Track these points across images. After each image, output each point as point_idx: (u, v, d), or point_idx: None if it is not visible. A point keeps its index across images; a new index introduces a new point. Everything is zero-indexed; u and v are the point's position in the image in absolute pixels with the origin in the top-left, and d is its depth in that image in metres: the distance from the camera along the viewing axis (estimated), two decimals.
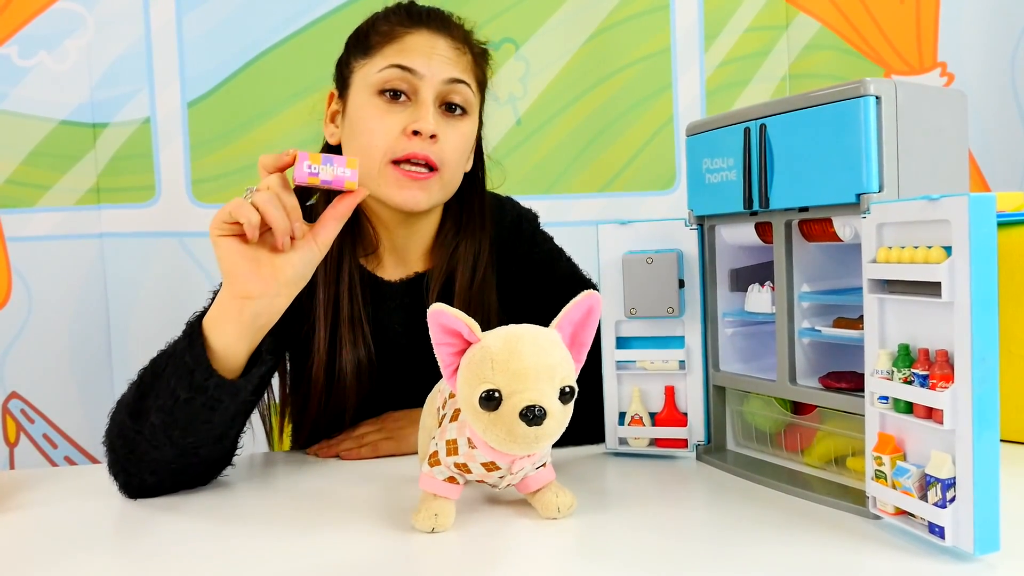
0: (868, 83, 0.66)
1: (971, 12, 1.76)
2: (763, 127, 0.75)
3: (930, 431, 0.60)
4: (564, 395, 0.62)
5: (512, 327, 0.64)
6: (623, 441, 0.89)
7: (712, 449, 0.87)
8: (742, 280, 0.87)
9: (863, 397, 0.68)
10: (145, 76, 1.63)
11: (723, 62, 1.76)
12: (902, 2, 1.79)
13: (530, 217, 1.10)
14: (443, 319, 0.62)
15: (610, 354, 0.89)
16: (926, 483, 0.60)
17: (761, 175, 0.75)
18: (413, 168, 0.90)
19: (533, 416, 0.59)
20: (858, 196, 0.67)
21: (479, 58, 0.99)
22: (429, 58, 0.91)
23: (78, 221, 1.60)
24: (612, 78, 1.73)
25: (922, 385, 0.60)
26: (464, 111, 0.94)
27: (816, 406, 0.78)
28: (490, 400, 0.60)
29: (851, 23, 1.79)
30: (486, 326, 0.65)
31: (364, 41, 0.95)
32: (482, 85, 1.00)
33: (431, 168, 0.91)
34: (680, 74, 1.76)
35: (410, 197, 0.91)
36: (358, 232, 0.99)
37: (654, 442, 0.88)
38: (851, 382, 0.73)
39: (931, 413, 0.60)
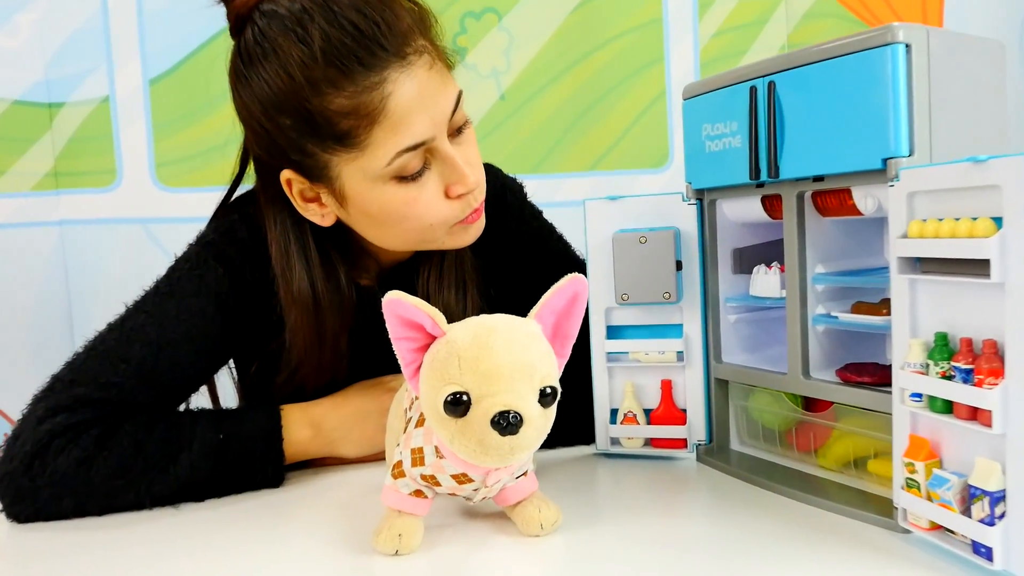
0: (896, 29, 0.57)
1: None
2: (771, 85, 0.65)
3: (975, 435, 0.51)
4: (545, 397, 0.53)
5: (483, 318, 0.55)
6: (615, 441, 0.80)
7: (714, 449, 0.79)
8: (746, 261, 0.78)
9: (889, 393, 0.59)
10: (103, 52, 1.54)
11: (718, 32, 1.68)
12: None
13: (516, 188, 0.97)
14: (400, 309, 0.53)
15: (600, 345, 0.79)
16: (970, 496, 0.51)
17: (770, 141, 0.66)
18: (473, 213, 0.79)
19: (507, 424, 0.50)
20: (884, 161, 0.58)
21: (432, 35, 0.76)
22: (425, 109, 0.71)
23: (35, 208, 1.52)
24: (601, 50, 1.64)
25: (965, 381, 0.51)
26: (465, 119, 0.78)
27: (832, 403, 0.69)
28: (457, 404, 0.51)
29: None
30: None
31: (326, 127, 0.70)
32: (444, 55, 0.78)
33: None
34: (673, 45, 1.68)
35: (475, 232, 0.81)
36: (352, 260, 0.86)
37: (649, 442, 0.80)
38: (874, 375, 0.64)
39: (976, 414, 0.51)
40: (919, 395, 0.55)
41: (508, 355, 0.52)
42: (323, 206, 0.78)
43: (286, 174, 0.76)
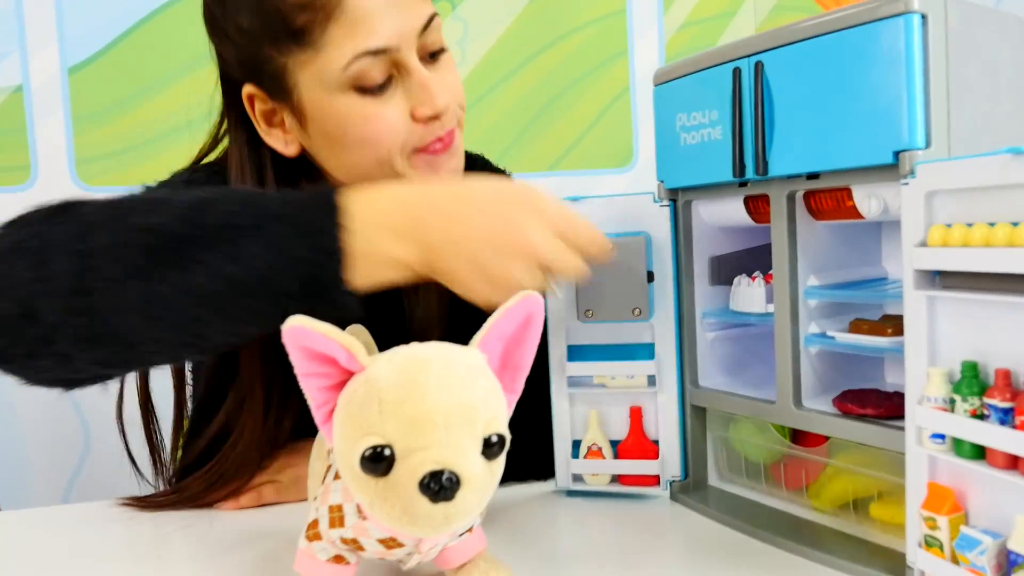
0: None
1: None
2: (758, 66, 0.56)
3: (1014, 488, 0.42)
4: (490, 448, 0.42)
5: (414, 348, 0.44)
6: (578, 478, 0.70)
7: (690, 486, 0.69)
8: (726, 271, 0.69)
9: (899, 429, 0.50)
10: (16, 36, 1.41)
11: (684, 24, 1.61)
12: None
13: (505, 176, 0.92)
14: (306, 340, 0.41)
15: (560, 368, 0.69)
16: (1010, 563, 0.42)
17: (756, 132, 0.56)
18: (438, 144, 0.70)
19: (440, 488, 0.39)
20: (896, 155, 0.49)
21: None
22: (390, 12, 0.65)
23: None
24: (561, 42, 1.56)
25: (1002, 422, 0.42)
26: (442, 45, 0.71)
27: (827, 437, 0.59)
28: (377, 461, 0.40)
29: None
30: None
31: (281, 24, 0.64)
32: None
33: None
34: (637, 38, 1.60)
35: (448, 174, 0.72)
36: None
37: (617, 479, 0.70)
38: (878, 406, 0.55)
39: (1017, 463, 0.42)
40: (942, 436, 0.46)
41: (443, 396, 0.41)
42: (287, 132, 0.71)
43: (248, 89, 0.69)
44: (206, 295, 0.52)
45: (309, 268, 0.50)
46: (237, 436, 0.70)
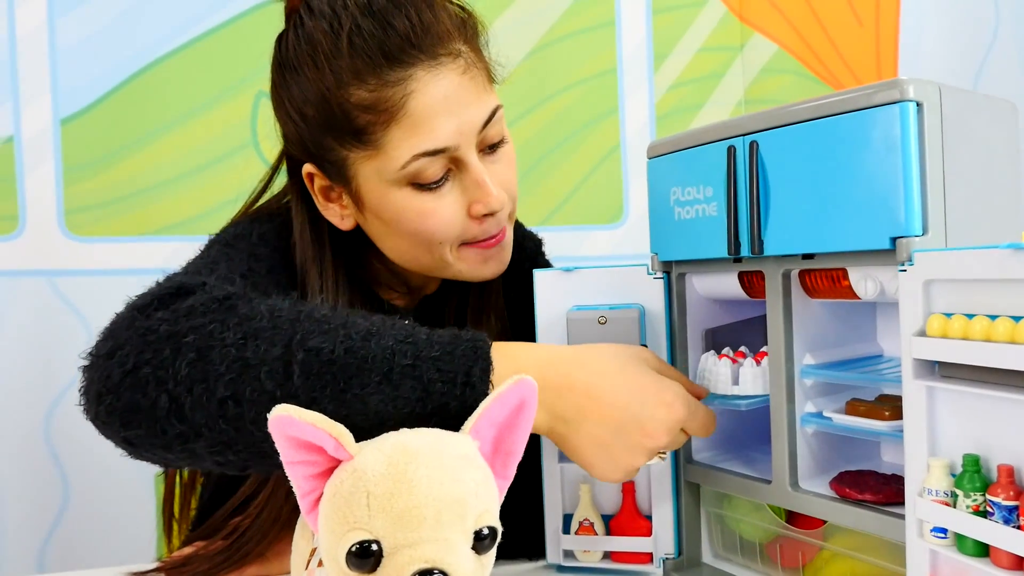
0: (905, 84, 0.48)
1: (931, 37, 1.66)
2: (754, 145, 0.56)
3: None
4: (481, 541, 0.41)
5: (404, 436, 0.43)
6: (569, 554, 0.68)
7: (684, 564, 0.67)
8: (721, 343, 0.68)
9: (899, 517, 0.49)
10: (9, 87, 1.40)
11: (674, 84, 1.62)
12: (861, 25, 1.69)
13: (535, 239, 0.95)
14: (292, 430, 0.40)
15: (552, 442, 0.68)
16: None
17: (752, 210, 0.56)
18: (491, 239, 0.73)
19: None
20: (893, 241, 0.49)
21: (475, 44, 0.71)
22: (451, 114, 0.66)
23: None
24: (553, 100, 1.57)
25: (1006, 521, 0.41)
26: (502, 137, 0.72)
27: (824, 521, 0.58)
28: (364, 557, 0.39)
29: (808, 46, 1.67)
30: None
31: (344, 121, 0.67)
32: (487, 66, 0.73)
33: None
34: (627, 96, 1.61)
35: (496, 267, 0.75)
36: (373, 277, 0.79)
37: (609, 555, 0.68)
38: (877, 492, 0.54)
39: (1022, 564, 0.41)
40: (944, 530, 0.45)
41: (433, 490, 0.39)
42: (343, 207, 0.74)
43: (308, 168, 0.72)
44: (354, 427, 0.49)
45: (454, 420, 0.49)
46: (268, 494, 0.67)
